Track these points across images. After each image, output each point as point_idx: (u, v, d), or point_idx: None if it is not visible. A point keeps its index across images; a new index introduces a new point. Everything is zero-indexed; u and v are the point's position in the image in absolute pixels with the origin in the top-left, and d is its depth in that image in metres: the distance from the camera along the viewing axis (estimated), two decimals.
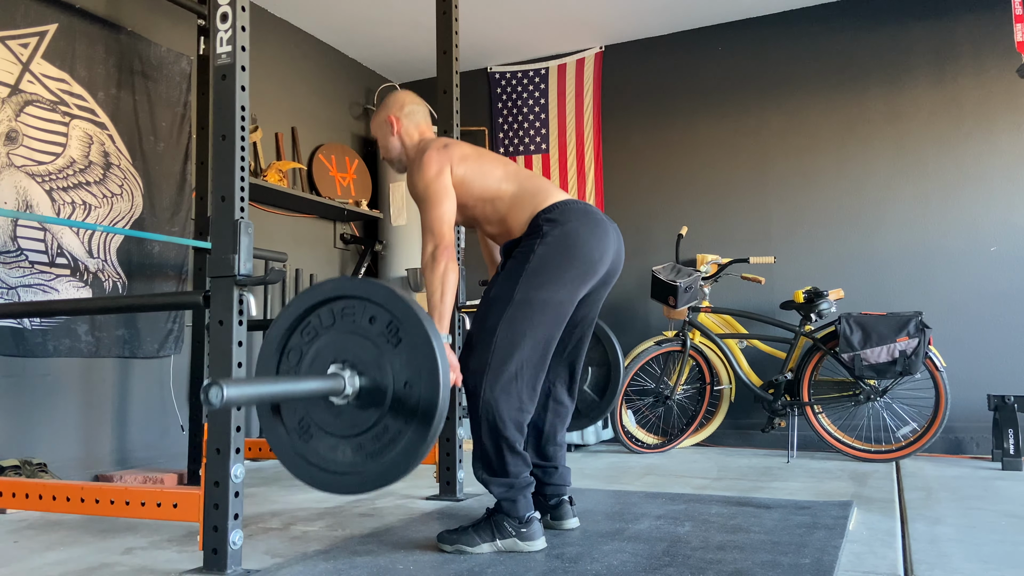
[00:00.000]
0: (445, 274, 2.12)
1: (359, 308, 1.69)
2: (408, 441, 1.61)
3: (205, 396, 1.36)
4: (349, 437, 1.67)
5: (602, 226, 2.24)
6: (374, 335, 1.67)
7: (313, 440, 1.71)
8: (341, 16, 4.80)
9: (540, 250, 2.16)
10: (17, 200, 3.25)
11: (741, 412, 4.56)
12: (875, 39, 4.59)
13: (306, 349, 1.74)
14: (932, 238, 4.39)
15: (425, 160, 2.27)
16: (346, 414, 1.68)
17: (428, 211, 2.22)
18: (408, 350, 1.63)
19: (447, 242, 2.17)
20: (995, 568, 1.96)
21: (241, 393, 1.40)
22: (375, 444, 1.64)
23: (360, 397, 1.67)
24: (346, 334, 1.70)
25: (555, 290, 2.15)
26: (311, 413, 1.71)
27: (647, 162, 5.10)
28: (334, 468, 1.67)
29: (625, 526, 2.39)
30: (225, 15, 2.00)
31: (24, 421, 3.23)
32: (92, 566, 2.10)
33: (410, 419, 1.62)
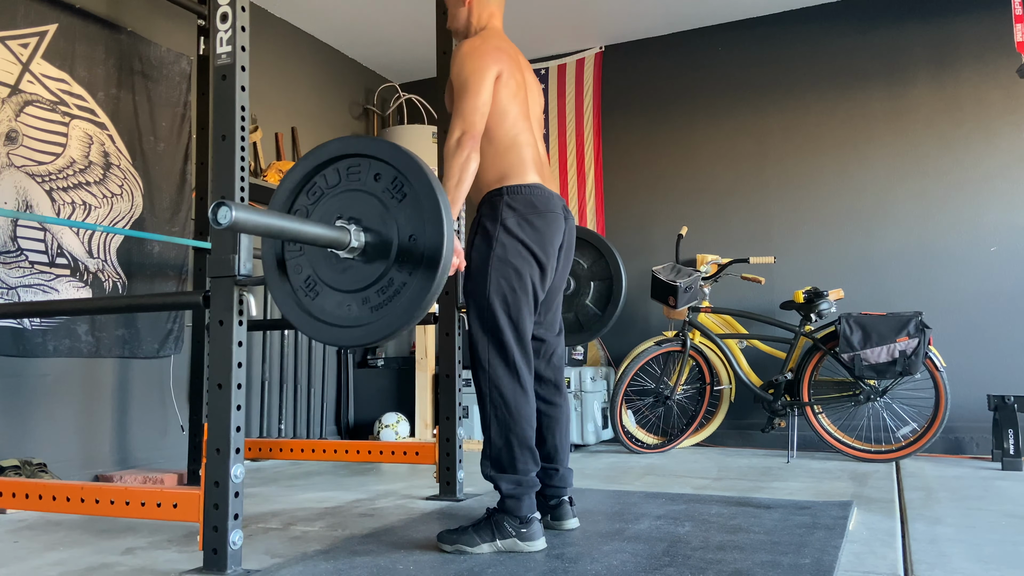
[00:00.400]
0: (467, 162, 2.11)
1: (364, 166, 1.71)
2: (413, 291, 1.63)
3: (214, 216, 1.37)
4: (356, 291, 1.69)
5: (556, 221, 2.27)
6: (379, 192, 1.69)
7: (320, 297, 1.73)
8: (341, 16, 4.80)
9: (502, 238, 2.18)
10: (17, 200, 3.25)
11: (741, 412, 4.56)
12: (875, 39, 4.59)
13: (312, 209, 1.76)
14: (932, 238, 4.39)
15: (481, 49, 2.25)
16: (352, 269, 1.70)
17: (466, 97, 2.18)
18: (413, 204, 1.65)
19: (475, 132, 2.16)
20: (995, 568, 1.96)
21: (249, 218, 1.41)
22: (381, 297, 1.66)
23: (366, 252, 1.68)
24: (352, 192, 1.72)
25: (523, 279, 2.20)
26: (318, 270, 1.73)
27: (647, 162, 5.10)
28: (340, 322, 1.69)
29: (625, 526, 2.39)
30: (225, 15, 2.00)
31: (24, 421, 3.23)
32: (92, 566, 2.10)
33: (415, 270, 1.63)
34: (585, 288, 2.88)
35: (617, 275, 2.83)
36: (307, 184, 1.78)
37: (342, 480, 3.57)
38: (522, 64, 2.41)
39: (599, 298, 2.87)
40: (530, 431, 2.18)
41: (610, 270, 2.85)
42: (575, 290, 2.89)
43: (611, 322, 2.83)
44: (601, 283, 2.87)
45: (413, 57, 5.42)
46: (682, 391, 4.38)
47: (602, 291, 2.87)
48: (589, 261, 2.89)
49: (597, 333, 2.85)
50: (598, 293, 2.87)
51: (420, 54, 5.35)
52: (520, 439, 2.15)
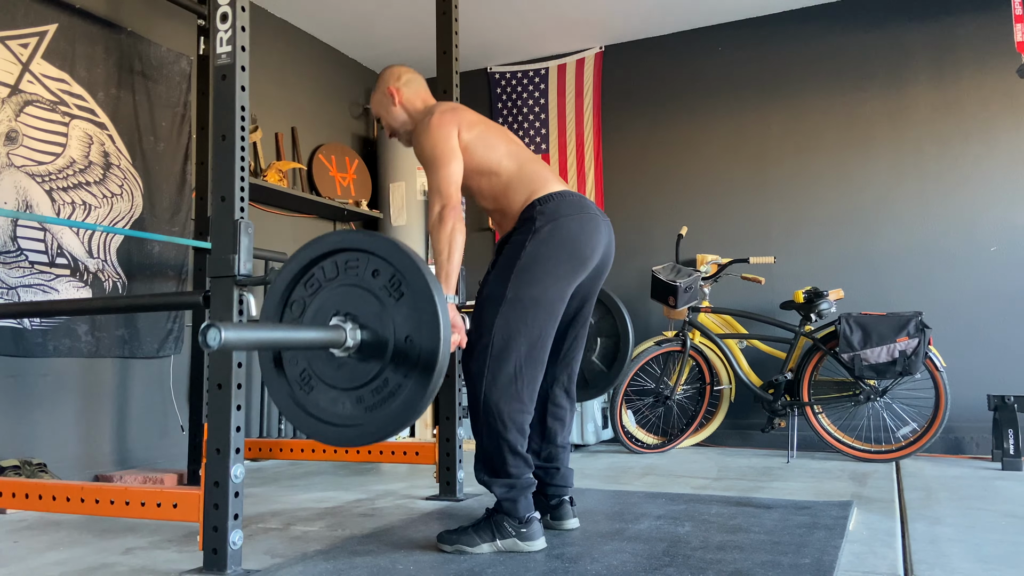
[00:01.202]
0: (452, 234, 2.11)
1: (363, 261, 1.70)
2: (408, 394, 1.61)
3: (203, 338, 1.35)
4: (350, 390, 1.68)
5: (594, 221, 2.24)
6: (377, 288, 1.67)
7: (314, 392, 1.71)
8: (341, 16, 4.80)
9: (531, 246, 2.16)
10: (17, 200, 3.25)
11: (741, 412, 4.56)
12: (875, 39, 4.59)
13: (309, 301, 1.75)
14: (932, 238, 4.39)
15: (433, 121, 2.27)
16: (347, 367, 1.68)
17: (435, 171, 2.20)
18: (410, 304, 1.64)
19: (454, 202, 2.16)
20: (995, 568, 1.96)
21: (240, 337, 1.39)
22: (375, 397, 1.65)
23: (361, 350, 1.67)
24: (349, 287, 1.70)
25: (545, 287, 2.15)
26: (313, 365, 1.72)
27: (647, 162, 5.10)
28: (334, 420, 1.68)
29: (625, 526, 2.39)
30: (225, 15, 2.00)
31: (24, 421, 3.23)
32: (92, 566, 2.10)
33: (410, 372, 1.62)
34: (592, 344, 2.83)
35: (624, 333, 2.79)
36: (305, 275, 1.76)
37: (342, 480, 3.57)
38: None
39: (605, 355, 2.83)
40: (522, 438, 2.16)
41: (617, 328, 2.81)
42: None
43: (617, 379, 2.80)
44: (608, 340, 2.83)
45: (413, 57, 5.41)
46: (682, 391, 4.38)
47: (609, 348, 2.83)
48: (597, 317, 2.85)
49: (603, 390, 2.82)
50: (604, 350, 2.83)
51: (420, 54, 5.35)
52: (510, 445, 2.14)
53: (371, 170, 5.40)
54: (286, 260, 1.80)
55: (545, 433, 2.38)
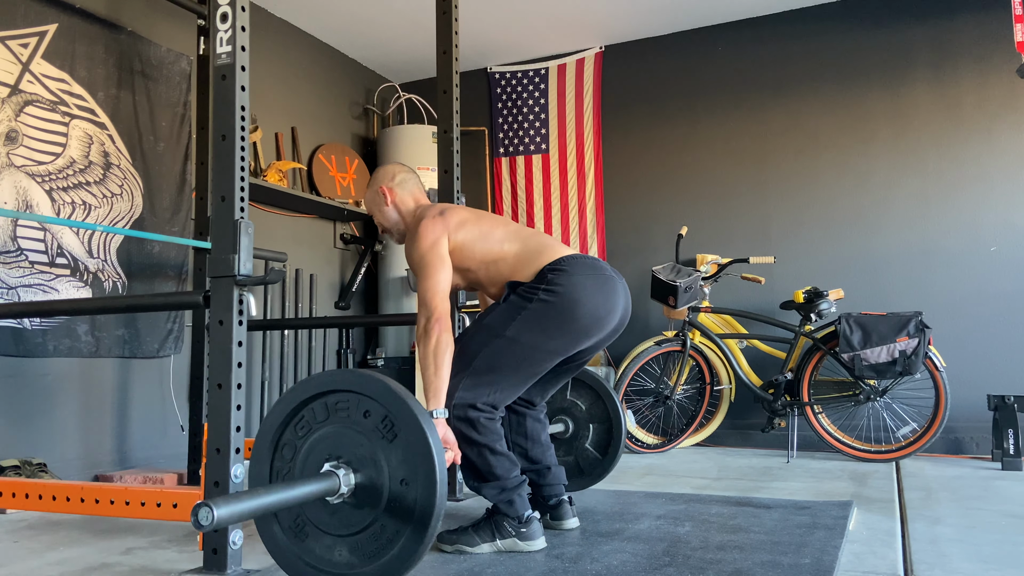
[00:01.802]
0: (438, 347, 2.08)
1: (353, 401, 1.65)
2: (404, 544, 1.57)
3: (195, 519, 1.29)
4: (345, 537, 1.64)
5: (610, 282, 2.22)
6: (368, 430, 1.63)
7: (308, 539, 1.67)
8: (341, 16, 4.80)
9: (545, 296, 2.13)
10: (17, 200, 3.25)
11: (741, 412, 4.56)
12: (875, 39, 4.59)
13: (300, 444, 1.71)
14: (932, 238, 4.39)
15: (421, 229, 2.24)
16: (342, 513, 1.64)
17: (422, 281, 2.18)
18: (404, 447, 1.60)
19: (439, 313, 2.12)
20: (995, 568, 1.96)
21: (232, 511, 1.34)
22: (372, 544, 1.61)
23: (356, 495, 1.63)
24: (340, 428, 1.66)
25: (548, 339, 2.14)
26: (306, 512, 1.68)
27: (647, 162, 5.10)
28: (331, 569, 1.64)
29: (625, 526, 2.39)
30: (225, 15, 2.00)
31: (24, 421, 3.23)
32: (92, 566, 2.10)
33: (407, 520, 1.58)
34: (584, 432, 2.83)
35: (616, 418, 2.78)
36: (295, 418, 1.73)
37: None
38: None
39: (598, 442, 2.82)
40: (498, 439, 2.16)
41: (609, 412, 2.80)
42: (574, 433, 2.85)
43: (613, 466, 2.79)
44: (600, 426, 2.82)
45: (413, 57, 5.42)
46: (682, 391, 4.38)
47: (601, 435, 2.82)
48: (587, 403, 2.84)
49: (599, 478, 2.82)
50: (597, 436, 2.82)
51: (420, 54, 5.35)
52: (490, 448, 2.15)
53: (371, 170, 5.40)
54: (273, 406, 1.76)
55: (527, 433, 2.39)
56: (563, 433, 2.85)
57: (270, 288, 4.55)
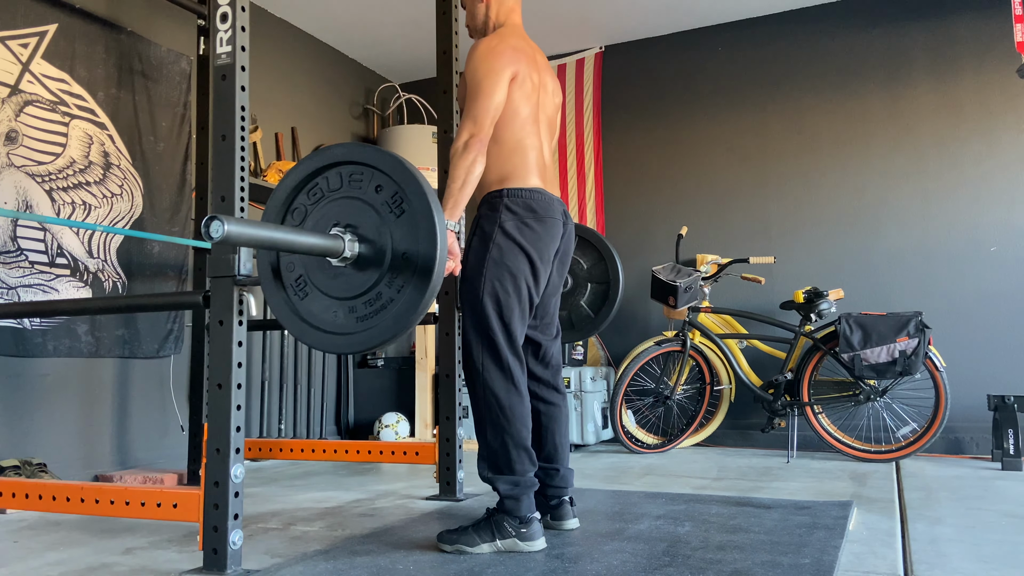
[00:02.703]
0: (472, 165, 2.11)
1: (367, 175, 1.70)
2: (400, 307, 1.63)
3: (206, 230, 1.37)
4: (343, 299, 1.69)
5: (555, 227, 2.27)
6: (378, 204, 1.69)
7: (308, 298, 1.73)
8: (341, 16, 4.80)
9: (498, 240, 2.18)
10: (17, 200, 3.25)
11: (741, 412, 4.56)
12: (875, 39, 4.59)
13: (311, 209, 1.76)
14: (932, 238, 4.39)
15: (498, 49, 2.25)
16: (343, 277, 1.70)
17: (478, 98, 2.18)
18: (410, 222, 1.65)
19: (484, 135, 2.15)
20: (995, 568, 1.96)
21: (241, 231, 1.41)
22: (367, 308, 1.67)
23: (358, 262, 1.68)
24: (351, 199, 1.71)
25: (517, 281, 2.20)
26: (309, 272, 1.74)
27: (647, 162, 5.10)
28: (325, 327, 1.70)
29: (625, 526, 2.39)
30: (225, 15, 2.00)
31: (24, 421, 3.23)
32: (92, 566, 2.10)
33: (404, 287, 1.63)
34: (582, 289, 2.88)
35: (615, 280, 2.82)
36: (309, 184, 1.78)
37: (342, 480, 3.57)
38: (540, 64, 2.39)
39: (594, 300, 2.87)
40: (525, 432, 2.17)
41: (609, 274, 2.85)
42: (571, 289, 2.90)
43: (603, 325, 2.84)
44: (598, 286, 2.87)
45: (413, 57, 5.42)
46: (682, 391, 4.38)
47: (598, 294, 2.87)
48: (589, 263, 2.89)
49: (588, 334, 2.87)
50: (594, 295, 2.87)
51: (420, 54, 5.35)
52: (515, 440, 2.15)
53: None
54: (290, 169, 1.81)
55: (542, 433, 2.38)
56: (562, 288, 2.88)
57: None
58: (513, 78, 2.24)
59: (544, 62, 2.44)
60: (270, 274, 1.79)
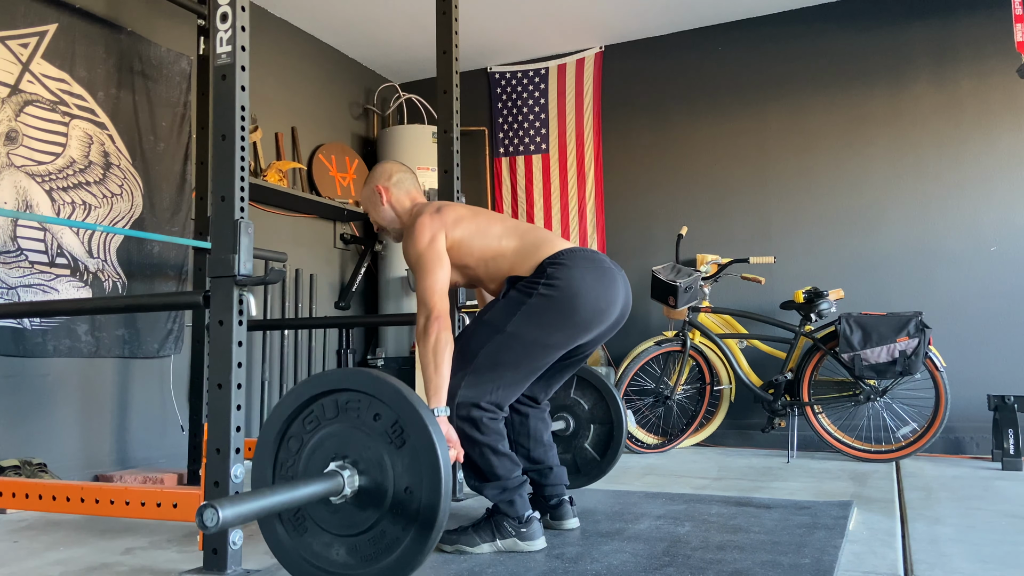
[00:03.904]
0: (437, 345, 2.07)
1: (364, 403, 1.64)
2: (404, 549, 1.56)
3: (200, 520, 1.29)
4: (345, 537, 1.63)
5: (609, 274, 2.21)
6: (377, 433, 1.62)
7: (307, 534, 1.66)
8: (341, 16, 4.80)
9: (544, 291, 2.13)
10: (17, 200, 3.25)
11: (741, 412, 4.56)
12: (875, 39, 4.59)
13: (307, 438, 1.70)
14: (932, 238, 4.39)
15: (417, 227, 2.24)
16: (343, 512, 1.63)
17: (420, 280, 2.18)
18: (411, 454, 1.59)
19: (438, 311, 2.12)
20: (995, 568, 1.96)
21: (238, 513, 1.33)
22: (371, 548, 1.60)
23: (359, 496, 1.62)
24: (349, 428, 1.65)
25: (550, 333, 2.14)
26: (308, 507, 1.67)
27: (647, 162, 5.10)
28: (327, 567, 1.63)
29: (625, 526, 2.39)
30: (225, 15, 2.00)
31: (24, 421, 3.23)
32: (92, 566, 2.10)
33: (408, 526, 1.57)
34: (584, 430, 2.83)
35: (618, 420, 2.78)
36: (304, 412, 1.72)
37: None
38: None
39: (598, 442, 2.82)
40: (500, 439, 2.16)
41: (611, 414, 2.80)
42: (574, 431, 2.85)
43: (610, 468, 2.80)
44: (601, 427, 2.82)
45: (413, 57, 5.41)
46: (682, 391, 4.38)
47: (601, 435, 2.82)
48: (590, 403, 2.84)
49: (595, 479, 2.83)
50: (597, 437, 2.83)
51: (420, 54, 5.35)
52: (493, 448, 2.15)
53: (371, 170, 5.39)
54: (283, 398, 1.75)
55: (531, 433, 2.39)
56: (563, 431, 2.85)
57: (270, 288, 4.55)
58: (446, 234, 2.22)
59: None
60: None
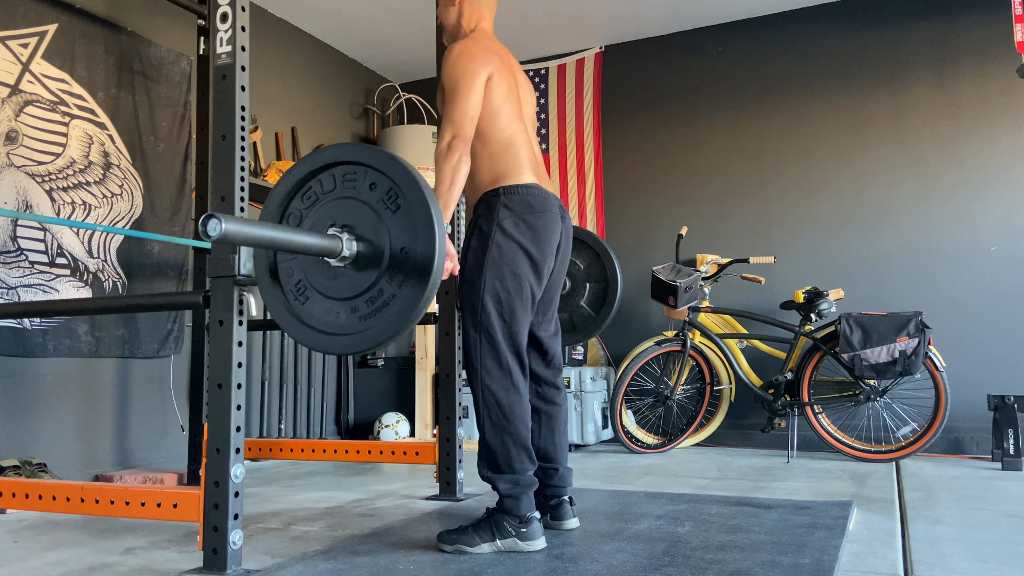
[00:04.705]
0: (458, 166, 2.12)
1: (360, 174, 1.70)
2: (402, 303, 1.63)
3: (203, 228, 1.36)
4: (344, 300, 1.69)
5: (553, 221, 2.28)
6: (374, 201, 1.68)
7: (309, 302, 1.73)
8: (341, 16, 4.80)
9: (497, 239, 2.20)
10: (17, 200, 3.25)
11: (741, 412, 4.56)
12: (875, 39, 4.59)
13: (306, 213, 1.76)
14: (932, 238, 4.39)
15: (472, 51, 2.25)
16: (343, 277, 1.70)
17: (455, 101, 2.19)
18: (406, 217, 1.65)
19: (466, 135, 2.16)
20: (995, 568, 1.96)
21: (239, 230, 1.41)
22: (369, 307, 1.67)
23: (357, 261, 1.68)
24: (346, 200, 1.71)
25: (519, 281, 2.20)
26: (308, 275, 1.74)
27: (647, 162, 5.10)
28: (328, 329, 1.69)
29: (625, 526, 2.39)
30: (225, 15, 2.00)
31: (24, 421, 3.23)
32: (92, 566, 2.10)
33: (405, 282, 1.63)
34: (581, 289, 2.91)
35: (613, 278, 2.85)
36: (302, 188, 1.78)
37: (342, 480, 3.57)
38: (513, 65, 2.41)
39: (594, 300, 2.89)
40: (525, 430, 2.18)
41: (606, 272, 2.88)
42: (571, 290, 2.92)
43: (605, 324, 2.87)
44: (597, 285, 2.90)
45: (413, 57, 5.42)
46: (682, 391, 4.38)
47: (597, 293, 2.89)
48: (586, 263, 2.91)
49: (591, 334, 2.89)
50: (593, 295, 2.90)
51: (420, 54, 5.35)
52: (515, 439, 2.15)
53: None
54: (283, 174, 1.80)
55: (542, 432, 2.39)
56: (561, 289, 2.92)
57: None
58: (489, 78, 2.25)
59: (517, 65, 2.46)
60: (268, 280, 1.79)
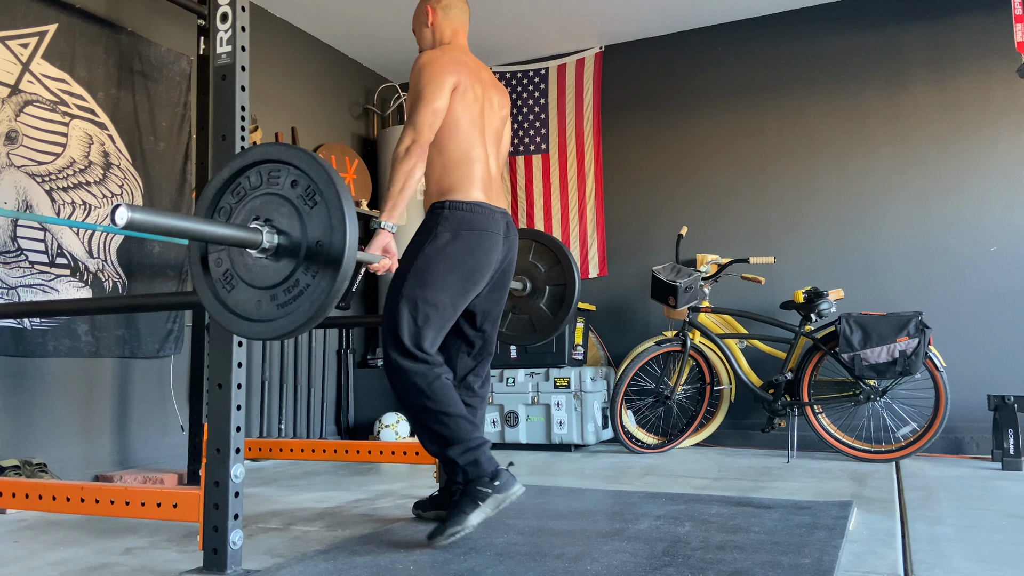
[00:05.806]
0: (412, 171, 2.21)
1: (283, 172, 1.81)
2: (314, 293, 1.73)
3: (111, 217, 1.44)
4: (266, 289, 1.80)
5: (492, 240, 2.32)
6: (294, 197, 1.80)
7: (235, 290, 1.83)
8: (341, 16, 4.80)
9: (429, 250, 2.26)
10: (17, 200, 3.25)
11: (741, 412, 4.56)
12: (875, 39, 4.59)
13: (235, 208, 1.86)
14: (932, 238, 4.39)
15: (440, 61, 2.31)
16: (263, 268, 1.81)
17: (419, 106, 2.26)
18: (322, 212, 1.76)
19: (424, 140, 2.24)
20: (995, 568, 1.96)
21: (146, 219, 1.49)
22: (286, 295, 1.77)
23: (277, 252, 1.79)
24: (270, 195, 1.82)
25: (437, 291, 2.26)
26: (236, 266, 1.85)
27: (647, 162, 5.10)
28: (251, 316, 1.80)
29: (625, 526, 2.39)
30: (225, 15, 2.00)
31: (24, 421, 3.23)
32: (92, 566, 2.10)
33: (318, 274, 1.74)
34: (540, 292, 2.99)
35: (571, 281, 2.94)
36: (232, 184, 1.87)
37: (342, 480, 3.57)
38: (484, 79, 2.45)
39: (553, 302, 2.98)
40: (453, 403, 2.23)
41: (565, 276, 2.96)
42: (531, 293, 3.01)
43: (562, 326, 2.96)
44: (556, 288, 2.98)
45: (413, 57, 5.41)
46: (682, 391, 4.38)
47: (556, 295, 2.98)
48: (546, 266, 3.00)
49: (548, 335, 2.98)
50: (552, 297, 2.98)
51: None
52: (447, 411, 2.21)
53: (371, 170, 5.40)
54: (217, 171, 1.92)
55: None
56: (521, 291, 3.00)
57: None
58: (455, 88, 2.30)
59: (490, 78, 2.49)
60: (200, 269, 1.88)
